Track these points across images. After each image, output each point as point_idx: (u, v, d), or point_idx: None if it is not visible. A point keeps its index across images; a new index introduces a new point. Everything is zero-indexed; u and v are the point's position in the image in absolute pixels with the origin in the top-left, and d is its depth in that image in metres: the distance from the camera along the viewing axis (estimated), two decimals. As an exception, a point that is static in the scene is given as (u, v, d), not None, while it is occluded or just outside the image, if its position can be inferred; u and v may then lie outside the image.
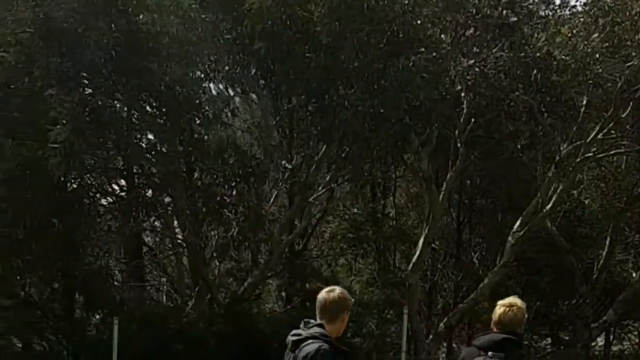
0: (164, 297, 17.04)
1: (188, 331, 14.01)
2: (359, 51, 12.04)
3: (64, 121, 11.03)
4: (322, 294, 4.90)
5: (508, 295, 5.43)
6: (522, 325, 4.91)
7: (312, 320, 4.90)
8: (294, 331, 4.90)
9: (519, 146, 14.07)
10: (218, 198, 13.38)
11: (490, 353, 4.79)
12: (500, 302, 4.93)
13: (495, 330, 4.87)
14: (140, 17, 11.19)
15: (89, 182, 13.01)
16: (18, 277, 14.17)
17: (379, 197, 16.26)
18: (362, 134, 12.55)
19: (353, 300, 5.03)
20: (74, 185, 12.94)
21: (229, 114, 12.97)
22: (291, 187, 14.49)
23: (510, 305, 4.87)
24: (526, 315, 4.92)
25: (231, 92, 13.38)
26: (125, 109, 12.23)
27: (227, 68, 12.24)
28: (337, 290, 4.92)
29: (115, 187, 13.82)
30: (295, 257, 15.82)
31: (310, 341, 4.76)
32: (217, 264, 15.54)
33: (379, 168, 14.14)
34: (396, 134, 12.71)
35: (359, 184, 14.71)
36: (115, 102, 11.84)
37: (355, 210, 15.86)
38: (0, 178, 11.96)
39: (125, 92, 11.76)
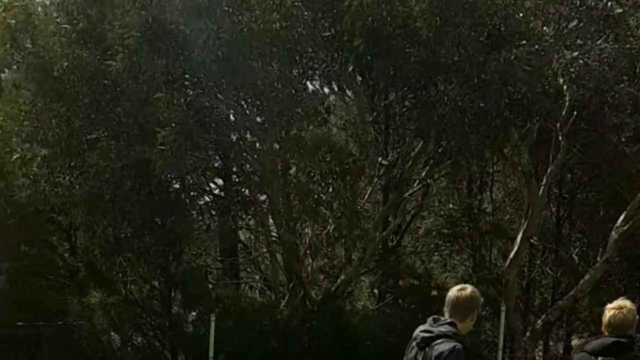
0: (258, 294, 17.55)
1: (282, 328, 14.41)
2: (459, 45, 12.18)
3: (173, 124, 11.56)
4: (454, 292, 4.89)
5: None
6: (634, 327, 4.89)
7: (442, 318, 4.87)
8: (423, 327, 4.86)
9: (623, 139, 14.00)
10: (315, 196, 13.74)
11: (600, 358, 4.80)
12: (609, 305, 4.93)
13: (605, 333, 4.87)
14: (244, 16, 11.59)
15: (189, 181, 13.56)
16: (120, 275, 14.89)
17: (475, 192, 16.37)
18: (461, 129, 12.68)
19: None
20: (176, 186, 13.49)
21: (323, 111, 13.29)
22: (386, 184, 14.75)
23: (620, 308, 4.86)
24: (637, 317, 4.89)
25: (326, 90, 13.72)
26: (225, 107, 12.68)
27: (324, 65, 12.55)
28: (469, 288, 4.91)
29: (213, 186, 14.38)
30: (388, 254, 16.08)
31: (442, 340, 4.73)
32: (310, 261, 15.93)
33: (478, 163, 14.28)
34: (496, 128, 12.82)
35: (456, 179, 14.88)
36: (219, 102, 12.28)
37: (451, 205, 16.01)
38: (107, 179, 12.59)
39: (228, 92, 12.22)
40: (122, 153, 12.28)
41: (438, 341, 4.72)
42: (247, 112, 12.74)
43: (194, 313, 15.61)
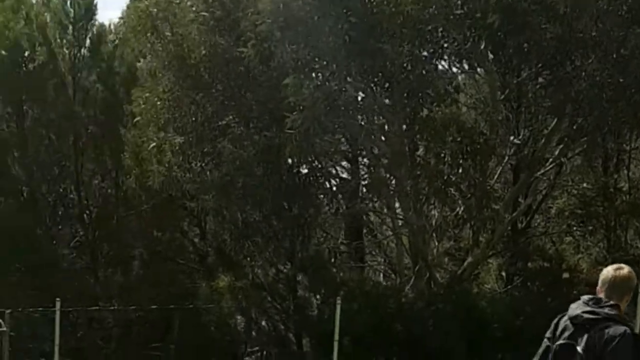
0: (382, 277, 18.05)
1: (407, 311, 14.81)
2: (598, 20, 12.22)
3: (301, 108, 12.11)
4: (610, 271, 4.81)
5: None
6: None
7: (602, 297, 4.77)
8: (583, 307, 4.77)
9: None
10: (444, 177, 14.07)
11: None
12: None
13: None
14: (375, -2, 11.98)
15: (317, 166, 14.11)
16: (248, 259, 15.68)
17: (611, 171, 16.29)
18: (598, 105, 12.74)
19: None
20: (304, 170, 14.08)
21: (452, 91, 13.55)
22: (517, 163, 14.91)
23: None
24: None
25: (454, 69, 13.95)
26: (353, 90, 13.13)
27: (455, 44, 12.81)
28: (626, 268, 4.83)
29: (340, 169, 14.91)
30: (518, 235, 16.24)
31: (610, 323, 4.67)
32: (436, 243, 16.28)
33: (615, 140, 14.28)
34: (636, 103, 12.82)
35: (591, 157, 14.91)
36: (347, 85, 12.74)
37: (585, 184, 15.98)
38: (238, 165, 13.27)
39: (357, 75, 12.67)
40: (254, 139, 12.90)
41: (605, 324, 4.68)
42: (376, 94, 13.14)
43: (318, 296, 16.26)
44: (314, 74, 12.74)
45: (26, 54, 14.31)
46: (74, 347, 14.89)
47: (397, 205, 15.28)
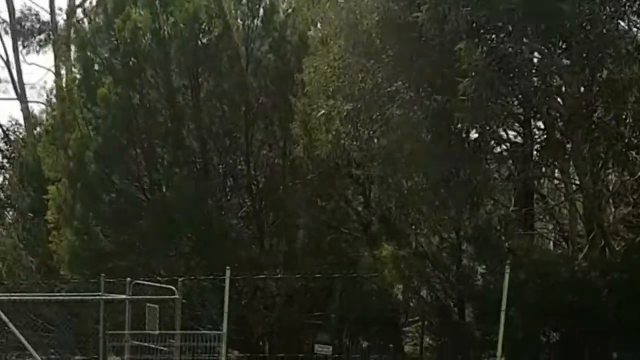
0: (551, 245, 18.51)
1: (579, 280, 15.19)
2: None
3: (473, 73, 12.73)
4: None
5: None
6: None
7: None
8: None
9: None
10: (625, 140, 14.40)
11: None
12: None
13: None
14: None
15: (488, 130, 14.69)
16: (412, 227, 16.53)
17: None
18: None
19: None
20: (475, 135, 14.71)
21: (633, 51, 13.80)
22: None
23: None
24: None
25: (634, 29, 14.12)
26: (529, 52, 13.60)
27: (638, 3, 13.07)
28: None
29: (512, 133, 15.45)
30: None
31: None
32: (613, 209, 16.59)
33: None
34: None
35: None
36: (523, 47, 13.25)
37: None
38: (407, 130, 14.04)
39: (534, 36, 13.15)
40: (424, 104, 13.63)
41: None
42: (553, 55, 13.59)
43: (484, 266, 16.90)
44: (487, 37, 13.31)
45: (203, 25, 15.53)
46: (238, 314, 16.20)
47: (571, 169, 15.72)
